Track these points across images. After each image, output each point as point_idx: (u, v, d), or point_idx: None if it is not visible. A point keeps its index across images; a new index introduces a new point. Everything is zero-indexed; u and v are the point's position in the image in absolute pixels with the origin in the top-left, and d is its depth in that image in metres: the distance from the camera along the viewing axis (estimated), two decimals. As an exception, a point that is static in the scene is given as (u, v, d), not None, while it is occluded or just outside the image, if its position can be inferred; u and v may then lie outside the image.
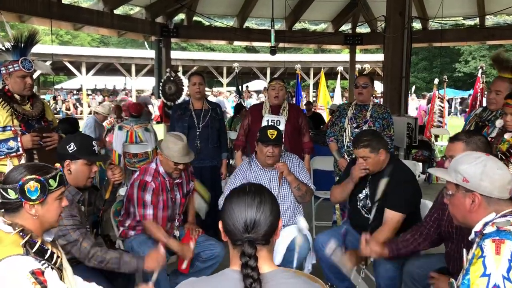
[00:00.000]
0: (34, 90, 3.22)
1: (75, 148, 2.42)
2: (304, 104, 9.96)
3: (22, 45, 3.02)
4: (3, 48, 3.02)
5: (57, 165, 1.78)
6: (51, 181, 1.69)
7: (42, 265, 1.54)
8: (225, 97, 19.62)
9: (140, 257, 2.43)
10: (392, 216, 2.78)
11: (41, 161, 2.70)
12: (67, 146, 2.43)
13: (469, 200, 1.68)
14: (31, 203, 1.65)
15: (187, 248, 2.91)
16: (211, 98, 18.22)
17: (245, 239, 1.29)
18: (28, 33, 3.06)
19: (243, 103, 10.21)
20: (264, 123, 3.94)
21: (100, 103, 19.33)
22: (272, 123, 3.92)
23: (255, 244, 1.29)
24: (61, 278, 1.63)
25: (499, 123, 2.97)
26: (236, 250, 1.32)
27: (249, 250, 1.27)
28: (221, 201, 3.28)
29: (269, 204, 1.34)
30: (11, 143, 2.91)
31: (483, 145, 2.25)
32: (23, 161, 2.93)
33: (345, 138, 4.00)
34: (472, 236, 1.69)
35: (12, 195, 1.63)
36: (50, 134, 3.09)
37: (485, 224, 1.62)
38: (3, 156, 2.91)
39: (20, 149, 2.93)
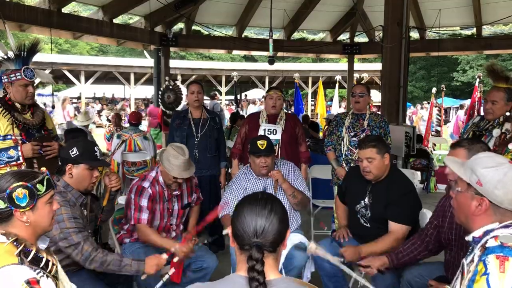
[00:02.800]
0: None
1: (78, 153, 2.46)
2: (302, 117, 9.99)
3: (24, 54, 3.04)
4: (5, 57, 3.04)
5: (43, 169, 1.76)
6: (39, 186, 1.67)
7: (38, 273, 1.52)
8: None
9: (140, 261, 2.43)
10: (397, 229, 2.80)
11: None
12: (70, 151, 2.47)
13: (475, 203, 1.63)
14: (21, 210, 1.62)
15: (181, 247, 2.80)
16: (252, 107, 17.91)
17: (253, 243, 1.32)
18: (30, 43, 3.08)
19: (240, 112, 10.19)
20: (261, 132, 3.95)
21: (99, 111, 19.37)
22: (269, 132, 3.94)
23: (262, 249, 1.31)
24: (57, 286, 1.61)
25: (496, 132, 3.00)
26: (243, 256, 1.34)
27: (257, 254, 1.30)
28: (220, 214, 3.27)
29: (279, 213, 1.38)
30: (12, 152, 2.93)
31: None
32: None
33: (343, 147, 4.02)
34: (469, 238, 1.67)
35: (1, 204, 1.60)
36: (50, 143, 3.11)
37: (486, 233, 1.59)
38: (3, 165, 2.91)
39: (21, 158, 2.94)
